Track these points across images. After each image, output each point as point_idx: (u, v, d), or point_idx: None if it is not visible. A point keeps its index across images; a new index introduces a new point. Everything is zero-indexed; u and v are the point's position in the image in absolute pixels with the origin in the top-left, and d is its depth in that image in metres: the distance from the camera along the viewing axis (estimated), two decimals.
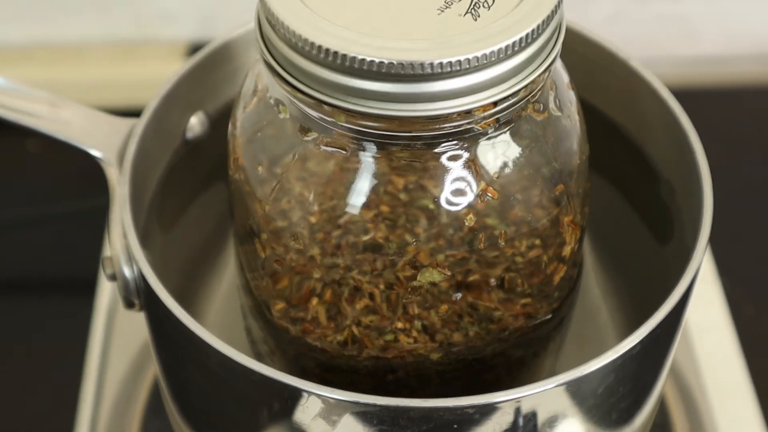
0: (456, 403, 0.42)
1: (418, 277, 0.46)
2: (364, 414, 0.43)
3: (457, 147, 0.45)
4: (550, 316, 0.50)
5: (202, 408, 0.50)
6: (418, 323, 0.49)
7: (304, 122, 0.45)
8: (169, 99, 0.53)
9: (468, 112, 0.43)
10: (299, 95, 0.43)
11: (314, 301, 0.49)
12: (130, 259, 0.49)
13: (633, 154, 0.55)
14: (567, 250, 0.48)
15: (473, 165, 0.44)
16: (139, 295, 0.49)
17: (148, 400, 0.64)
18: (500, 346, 0.49)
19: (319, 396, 0.42)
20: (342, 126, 0.43)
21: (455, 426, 0.43)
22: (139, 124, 0.51)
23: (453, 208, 0.45)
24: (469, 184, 0.45)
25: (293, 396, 0.43)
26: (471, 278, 0.48)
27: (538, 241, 0.47)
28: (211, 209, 0.59)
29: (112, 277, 0.50)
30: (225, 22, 0.91)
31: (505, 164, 0.45)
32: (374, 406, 0.42)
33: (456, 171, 0.45)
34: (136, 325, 0.68)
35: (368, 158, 0.45)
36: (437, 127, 0.43)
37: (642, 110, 0.54)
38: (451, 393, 0.49)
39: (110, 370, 0.66)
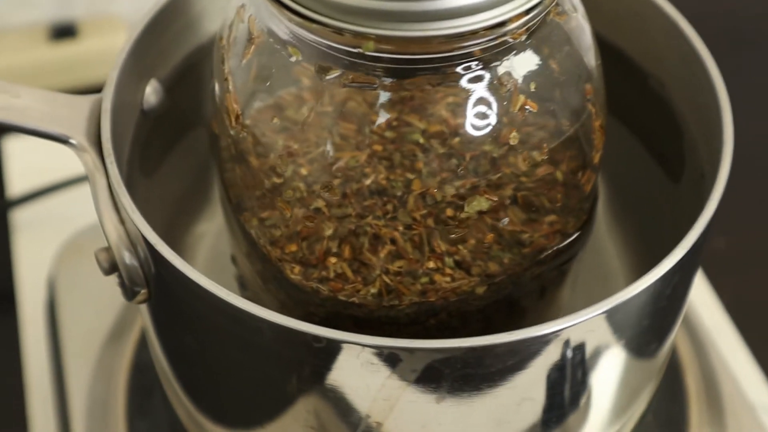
0: (547, 330, 0.40)
1: (466, 208, 0.43)
2: (448, 360, 0.40)
3: (482, 66, 0.42)
4: (579, 232, 0.48)
5: (237, 394, 0.46)
6: (449, 260, 0.46)
7: (323, 61, 0.41)
8: (126, 69, 0.48)
9: (501, 24, 0.40)
10: (318, 27, 0.39)
11: (332, 259, 0.46)
12: (133, 244, 0.44)
13: (639, 81, 0.52)
14: (597, 157, 0.46)
15: (506, 80, 0.42)
16: (148, 283, 0.45)
17: (128, 402, 0.59)
18: (538, 269, 0.47)
19: (403, 349, 0.39)
20: (370, 56, 0.40)
21: (541, 354, 0.41)
22: (107, 99, 0.46)
23: (485, 131, 0.42)
24: (502, 101, 0.42)
25: (367, 356, 0.40)
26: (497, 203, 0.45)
27: (572, 152, 0.45)
28: (175, 182, 0.54)
29: (111, 270, 0.45)
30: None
31: (538, 73, 0.42)
32: (459, 349, 0.39)
33: (482, 90, 0.42)
34: (87, 325, 0.63)
35: (396, 89, 0.41)
36: (469, 44, 0.40)
37: (644, 30, 0.51)
38: (492, 327, 0.47)
39: (72, 380, 0.61)
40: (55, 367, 0.63)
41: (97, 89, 0.47)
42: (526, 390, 0.42)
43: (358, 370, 0.40)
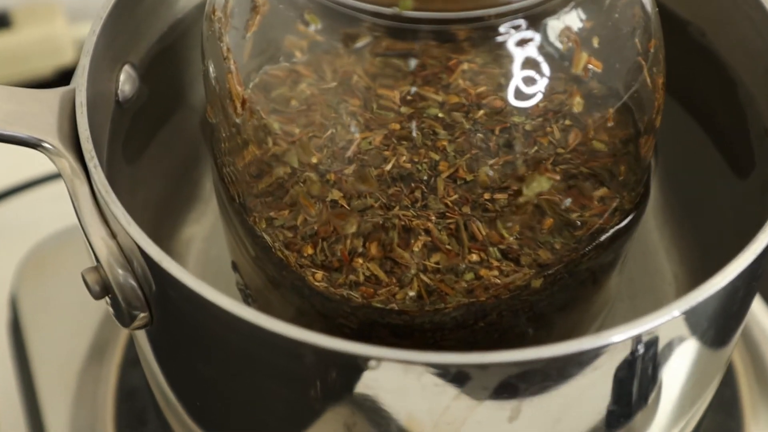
0: (644, 327, 0.34)
1: (525, 191, 0.37)
2: (526, 374, 0.34)
3: (536, 21, 0.35)
4: (636, 211, 0.42)
5: (264, 427, 0.39)
6: (493, 250, 0.39)
7: (349, 27, 0.34)
8: (98, 54, 0.41)
9: None
10: None
11: (359, 260, 0.39)
12: (128, 260, 0.37)
13: (676, 30, 0.46)
14: (658, 120, 0.40)
15: (566, 36, 0.35)
16: (149, 305, 0.38)
17: None
18: (596, 254, 0.41)
19: (474, 366, 0.33)
20: (406, 17, 0.33)
21: (632, 357, 0.35)
22: (81, 91, 0.39)
23: (543, 97, 0.36)
24: (562, 60, 0.35)
25: (430, 377, 0.33)
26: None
27: (634, 116, 0.38)
28: (155, 181, 0.48)
29: (103, 292, 0.38)
30: None
31: (600, 26, 0.36)
32: (540, 360, 0.33)
33: (537, 49, 0.36)
34: (61, 348, 0.56)
35: (436, 55, 0.35)
36: None
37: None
38: (542, 324, 0.41)
39: (49, 412, 0.54)
40: (26, 399, 0.55)
41: (35, 84, 0.40)
42: (609, 398, 0.36)
43: (419, 393, 0.34)
